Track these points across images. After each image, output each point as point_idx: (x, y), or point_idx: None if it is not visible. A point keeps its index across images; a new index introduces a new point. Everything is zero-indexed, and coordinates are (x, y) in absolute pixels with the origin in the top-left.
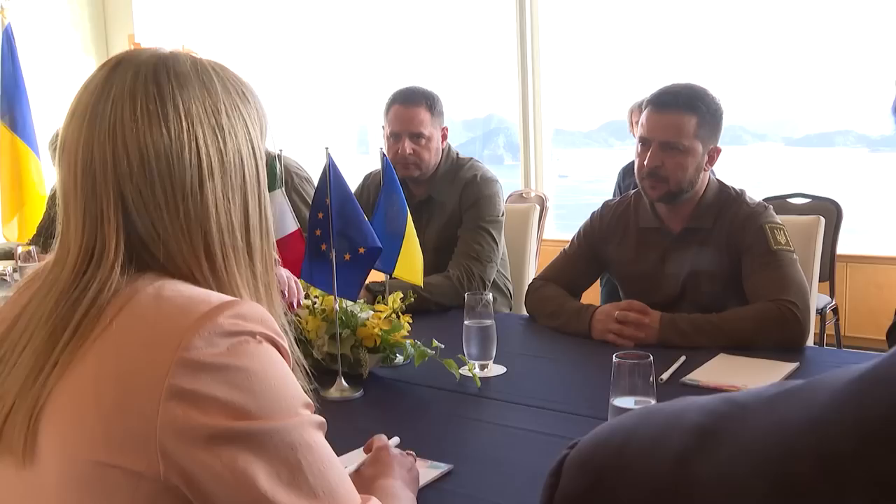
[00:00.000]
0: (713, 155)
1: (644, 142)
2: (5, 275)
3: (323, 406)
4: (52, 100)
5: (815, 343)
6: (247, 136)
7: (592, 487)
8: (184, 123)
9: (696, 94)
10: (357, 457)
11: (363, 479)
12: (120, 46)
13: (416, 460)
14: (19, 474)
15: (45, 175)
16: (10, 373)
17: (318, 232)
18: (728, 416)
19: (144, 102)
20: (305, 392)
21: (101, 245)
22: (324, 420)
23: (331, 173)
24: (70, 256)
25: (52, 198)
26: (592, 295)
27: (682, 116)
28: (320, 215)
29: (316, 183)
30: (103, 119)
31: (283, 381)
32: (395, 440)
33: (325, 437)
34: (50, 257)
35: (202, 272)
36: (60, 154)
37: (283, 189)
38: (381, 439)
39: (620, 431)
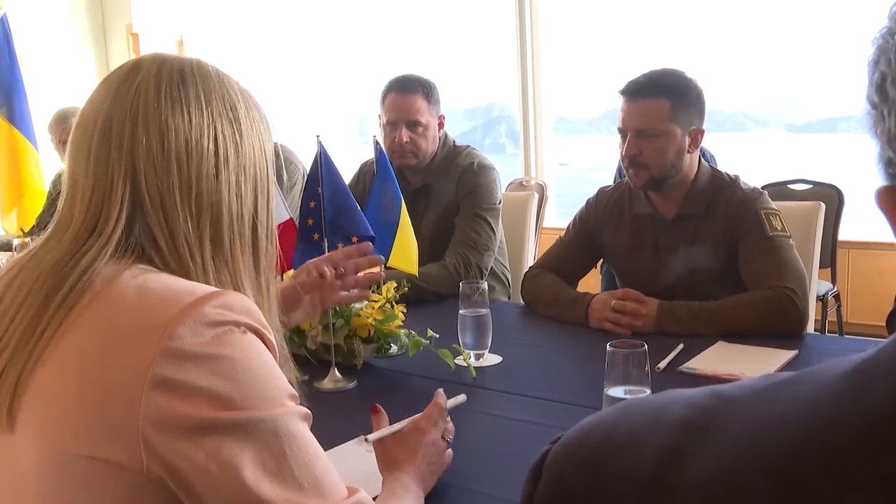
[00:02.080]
0: (696, 136)
1: (621, 133)
2: (1, 266)
3: (316, 397)
4: (49, 91)
5: (816, 330)
6: (260, 137)
7: (573, 482)
8: (204, 112)
9: (666, 77)
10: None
11: (384, 456)
12: (118, 37)
13: (449, 446)
14: (8, 440)
15: (44, 167)
16: (0, 339)
17: (310, 221)
18: (716, 411)
19: (168, 88)
20: (293, 384)
21: (106, 216)
22: (309, 412)
23: (322, 162)
24: (72, 227)
25: (53, 188)
26: (592, 283)
27: (653, 102)
28: (312, 204)
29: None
30: (125, 100)
31: (267, 371)
32: (461, 398)
33: (320, 428)
34: (36, 242)
35: (203, 258)
36: (74, 134)
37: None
38: (437, 403)
39: (603, 426)
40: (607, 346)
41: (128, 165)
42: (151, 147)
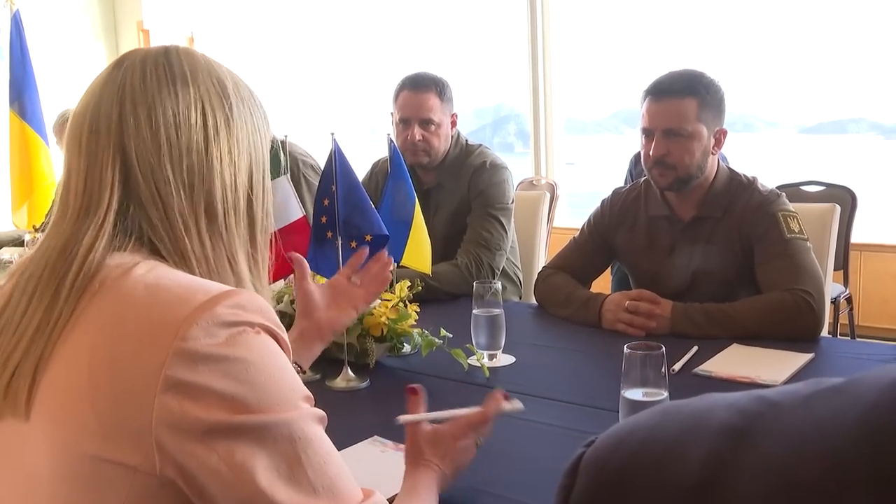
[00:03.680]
0: (719, 137)
1: (647, 133)
2: (12, 262)
3: (328, 396)
4: (60, 87)
5: (828, 333)
6: (252, 114)
7: (611, 488)
8: (191, 87)
9: (693, 77)
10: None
11: (414, 447)
12: (129, 33)
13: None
14: (22, 432)
15: (54, 162)
16: (14, 332)
17: (323, 219)
18: (761, 416)
19: (154, 69)
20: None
21: (98, 198)
22: (324, 414)
23: (336, 159)
24: (69, 214)
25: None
26: (603, 284)
27: (681, 101)
28: (326, 202)
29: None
30: (113, 85)
31: (282, 373)
32: (519, 406)
33: (331, 428)
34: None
35: (199, 229)
36: (70, 124)
37: (289, 176)
38: (487, 411)
39: (641, 430)
40: (625, 348)
41: (117, 146)
42: (140, 125)
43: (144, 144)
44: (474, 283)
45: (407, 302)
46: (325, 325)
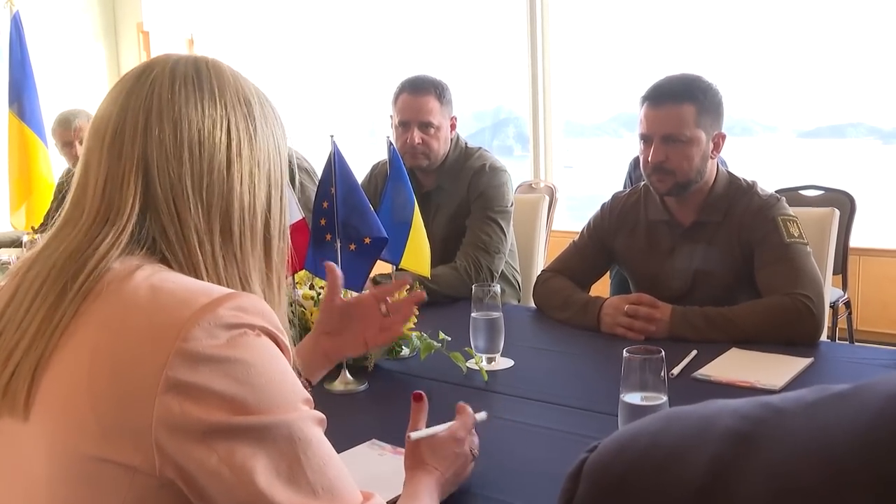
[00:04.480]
0: (718, 142)
1: (645, 139)
2: (9, 263)
3: (327, 399)
4: (60, 88)
5: (827, 337)
6: (274, 134)
7: (614, 493)
8: (218, 104)
9: (690, 82)
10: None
11: (414, 455)
12: (128, 35)
13: (474, 459)
14: (21, 432)
15: (53, 163)
16: (16, 329)
17: (322, 221)
18: (766, 422)
19: (183, 82)
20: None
21: (119, 207)
22: (324, 416)
23: (336, 162)
24: (85, 217)
25: (60, 186)
26: (601, 288)
27: (679, 107)
28: (325, 205)
29: (320, 173)
30: (140, 95)
31: (282, 375)
32: (483, 416)
33: (329, 431)
34: (44, 237)
35: (213, 249)
36: (90, 131)
37: (290, 179)
38: (464, 420)
39: (644, 435)
40: (624, 351)
41: (140, 156)
42: (164, 138)
43: (167, 157)
44: (473, 286)
45: None
46: (331, 352)
